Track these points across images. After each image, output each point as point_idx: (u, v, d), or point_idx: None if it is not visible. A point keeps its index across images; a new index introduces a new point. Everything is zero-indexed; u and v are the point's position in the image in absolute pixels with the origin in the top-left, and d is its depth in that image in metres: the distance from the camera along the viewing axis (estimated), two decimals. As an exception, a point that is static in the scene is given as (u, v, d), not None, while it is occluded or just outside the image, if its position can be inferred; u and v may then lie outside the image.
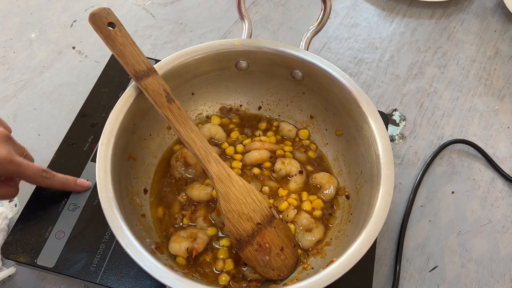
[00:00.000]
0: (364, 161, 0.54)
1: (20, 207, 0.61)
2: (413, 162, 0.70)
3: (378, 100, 0.76)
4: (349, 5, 0.89)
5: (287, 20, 0.86)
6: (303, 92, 0.62)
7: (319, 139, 0.63)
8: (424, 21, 0.88)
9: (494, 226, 0.64)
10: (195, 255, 0.51)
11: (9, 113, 0.69)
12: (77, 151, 0.60)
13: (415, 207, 0.65)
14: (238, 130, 0.63)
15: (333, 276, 0.42)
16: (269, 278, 0.50)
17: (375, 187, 0.49)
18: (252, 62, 0.60)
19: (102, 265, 0.51)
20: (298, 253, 0.53)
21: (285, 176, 0.59)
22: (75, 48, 0.78)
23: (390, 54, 0.83)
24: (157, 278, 0.40)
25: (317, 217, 0.56)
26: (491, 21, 0.88)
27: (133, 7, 0.85)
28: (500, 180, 0.69)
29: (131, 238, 0.42)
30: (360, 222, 0.49)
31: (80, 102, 0.66)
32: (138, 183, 0.55)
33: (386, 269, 0.60)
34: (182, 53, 0.55)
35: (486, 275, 0.60)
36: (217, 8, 0.86)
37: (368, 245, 0.44)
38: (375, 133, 0.52)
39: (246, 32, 0.59)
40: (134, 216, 0.51)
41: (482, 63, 0.82)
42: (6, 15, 0.81)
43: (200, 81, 0.60)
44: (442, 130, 0.74)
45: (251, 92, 0.65)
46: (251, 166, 0.60)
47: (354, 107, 0.55)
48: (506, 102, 0.77)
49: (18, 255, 0.51)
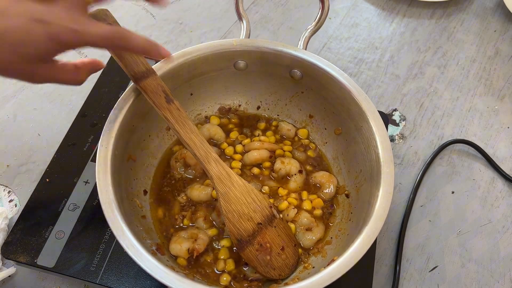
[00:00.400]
0: (364, 159, 0.54)
1: (20, 207, 0.61)
2: (413, 162, 0.70)
3: (378, 100, 0.76)
4: (349, 5, 0.89)
5: (287, 20, 0.86)
6: (302, 92, 0.62)
7: (318, 138, 0.64)
8: (424, 21, 0.88)
9: (494, 226, 0.64)
10: (196, 256, 0.51)
11: (9, 113, 0.69)
12: (77, 151, 0.60)
13: (415, 207, 0.65)
14: (237, 130, 0.63)
15: (334, 275, 0.42)
16: (270, 278, 0.50)
17: (375, 185, 0.49)
18: (250, 62, 0.60)
19: (102, 265, 0.51)
20: (299, 252, 0.53)
21: (285, 176, 0.59)
22: (75, 48, 0.78)
23: (390, 54, 0.83)
24: (158, 278, 0.40)
25: (317, 216, 0.56)
26: (491, 21, 0.88)
27: (133, 7, 0.85)
28: (500, 180, 0.69)
29: (132, 239, 0.42)
30: (361, 220, 0.49)
31: (80, 102, 0.66)
32: (137, 184, 0.55)
33: (386, 269, 0.60)
34: (181, 53, 0.55)
35: (486, 275, 0.60)
36: (217, 8, 0.86)
37: (368, 244, 0.44)
38: (375, 131, 0.52)
39: (244, 32, 0.59)
40: (134, 217, 0.51)
41: (482, 63, 0.82)
42: (6, 15, 0.81)
43: (199, 82, 0.60)
44: (442, 130, 0.74)
45: (250, 91, 0.65)
46: (250, 166, 0.60)
47: (353, 106, 0.55)
48: (506, 102, 0.77)
49: (18, 255, 0.51)
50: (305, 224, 0.54)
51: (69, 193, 0.56)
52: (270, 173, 0.60)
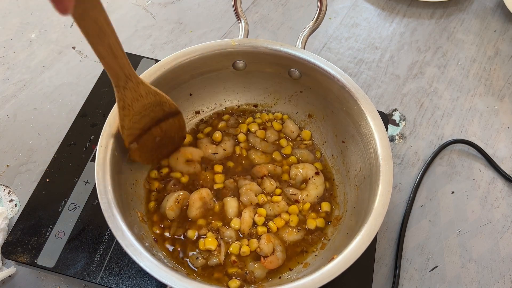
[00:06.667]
0: (363, 158, 0.54)
1: (20, 207, 0.61)
2: (413, 162, 0.70)
3: (378, 100, 0.76)
4: (349, 5, 0.89)
5: (287, 20, 0.86)
6: (301, 91, 0.62)
7: (318, 137, 0.64)
8: (424, 21, 0.88)
9: (494, 226, 0.64)
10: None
11: (9, 113, 0.69)
12: (77, 151, 0.60)
13: (415, 207, 0.65)
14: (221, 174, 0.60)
15: (334, 272, 0.42)
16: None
17: (374, 183, 0.49)
18: (249, 62, 0.60)
19: (102, 265, 0.51)
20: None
21: (303, 181, 0.59)
22: (75, 48, 0.78)
23: (390, 54, 0.83)
24: (158, 278, 0.40)
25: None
26: (491, 21, 0.88)
27: (133, 7, 0.85)
28: (500, 180, 0.69)
29: (132, 239, 0.42)
30: (360, 218, 0.49)
31: (80, 102, 0.66)
32: (137, 185, 0.55)
33: (386, 269, 0.60)
34: (180, 54, 0.55)
35: (486, 275, 0.60)
36: (217, 8, 0.86)
37: (368, 241, 0.44)
38: (373, 130, 0.52)
39: (243, 32, 0.59)
40: (134, 217, 0.51)
41: (482, 63, 0.82)
42: (6, 15, 0.81)
43: (198, 82, 0.60)
44: (442, 130, 0.73)
45: (249, 91, 0.65)
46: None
47: (352, 105, 0.55)
48: (506, 102, 0.77)
49: (18, 255, 0.51)
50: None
51: (69, 193, 0.56)
52: (288, 181, 0.60)
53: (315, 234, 0.55)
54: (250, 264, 0.52)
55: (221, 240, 0.53)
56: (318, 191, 0.58)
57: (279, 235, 0.55)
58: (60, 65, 0.76)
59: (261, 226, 0.55)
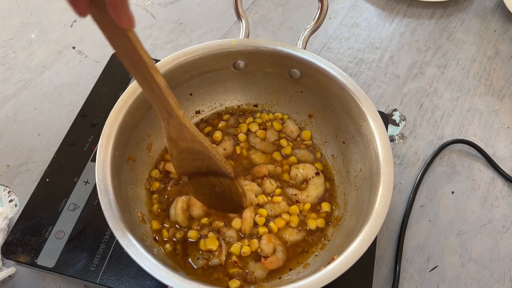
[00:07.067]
0: (363, 158, 0.54)
1: (20, 207, 0.61)
2: (413, 162, 0.70)
3: (378, 100, 0.76)
4: (349, 5, 0.89)
5: (287, 20, 0.86)
6: (301, 91, 0.62)
7: (318, 138, 0.64)
8: (424, 21, 0.88)
9: (494, 226, 0.64)
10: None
11: (9, 113, 0.69)
12: (77, 151, 0.60)
13: (415, 207, 0.65)
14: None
15: (335, 274, 0.42)
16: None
17: (374, 184, 0.49)
18: (249, 62, 0.60)
19: (102, 265, 0.51)
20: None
21: (303, 181, 0.59)
22: (75, 48, 0.78)
23: (390, 54, 0.83)
24: (158, 278, 0.40)
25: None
26: (491, 21, 0.88)
27: (133, 7, 0.85)
28: (500, 180, 0.69)
29: (132, 239, 0.42)
30: (360, 219, 0.49)
31: (80, 102, 0.66)
32: (137, 185, 0.55)
33: (386, 269, 0.60)
34: (180, 54, 0.55)
35: (486, 275, 0.60)
36: (217, 8, 0.86)
37: (368, 242, 0.44)
38: (374, 130, 0.52)
39: (243, 32, 0.59)
40: (134, 217, 0.51)
41: (482, 63, 0.82)
42: (6, 15, 0.81)
43: (198, 82, 0.60)
44: (442, 130, 0.73)
45: (249, 91, 0.65)
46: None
47: (352, 105, 0.55)
48: (506, 102, 0.77)
49: (18, 255, 0.51)
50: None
51: (69, 193, 0.56)
52: (288, 181, 0.59)
53: (316, 234, 0.55)
54: (250, 264, 0.52)
55: (222, 241, 0.53)
56: (319, 191, 0.58)
57: (279, 236, 0.55)
58: (60, 65, 0.75)
59: (262, 227, 0.55)
